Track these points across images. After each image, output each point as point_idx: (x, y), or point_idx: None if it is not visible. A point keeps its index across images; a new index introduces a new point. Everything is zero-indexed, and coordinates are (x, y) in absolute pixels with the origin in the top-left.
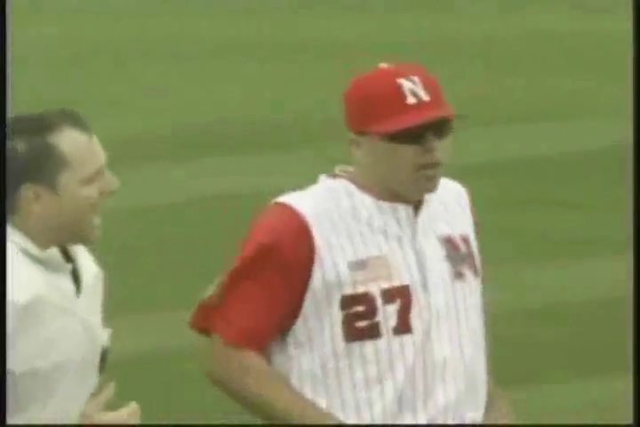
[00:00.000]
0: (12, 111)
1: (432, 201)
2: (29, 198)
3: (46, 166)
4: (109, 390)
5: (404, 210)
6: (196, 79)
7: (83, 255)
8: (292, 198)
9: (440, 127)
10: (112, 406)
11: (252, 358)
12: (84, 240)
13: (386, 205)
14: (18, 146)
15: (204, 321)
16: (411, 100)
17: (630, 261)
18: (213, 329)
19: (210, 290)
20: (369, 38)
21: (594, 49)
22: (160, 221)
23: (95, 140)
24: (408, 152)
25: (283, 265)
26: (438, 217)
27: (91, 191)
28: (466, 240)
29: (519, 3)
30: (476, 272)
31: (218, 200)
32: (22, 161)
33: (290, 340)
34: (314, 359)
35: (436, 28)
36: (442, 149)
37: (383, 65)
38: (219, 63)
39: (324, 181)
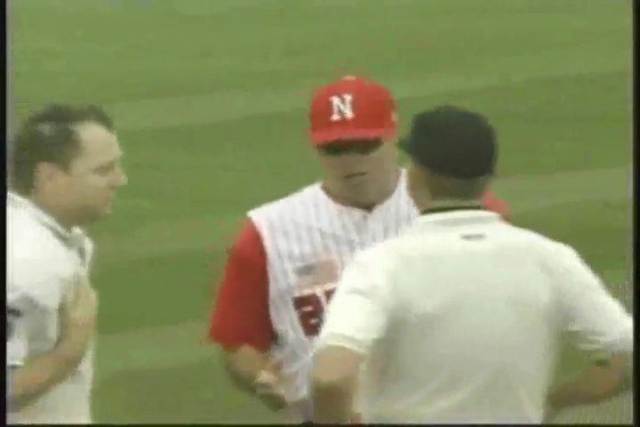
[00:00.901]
0: None
1: (401, 205)
2: (44, 176)
3: (63, 149)
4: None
5: (357, 214)
6: None
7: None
8: (255, 211)
9: (361, 143)
10: None
11: (240, 349)
12: (93, 219)
13: (344, 209)
14: (43, 129)
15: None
16: (335, 116)
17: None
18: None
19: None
20: None
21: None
22: None
23: (114, 137)
24: (333, 163)
25: (244, 271)
26: (407, 221)
27: (100, 180)
28: None
29: None
30: None
31: None
32: (43, 142)
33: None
34: (289, 354)
35: None
36: (367, 160)
37: (347, 78)
38: None
39: (304, 189)
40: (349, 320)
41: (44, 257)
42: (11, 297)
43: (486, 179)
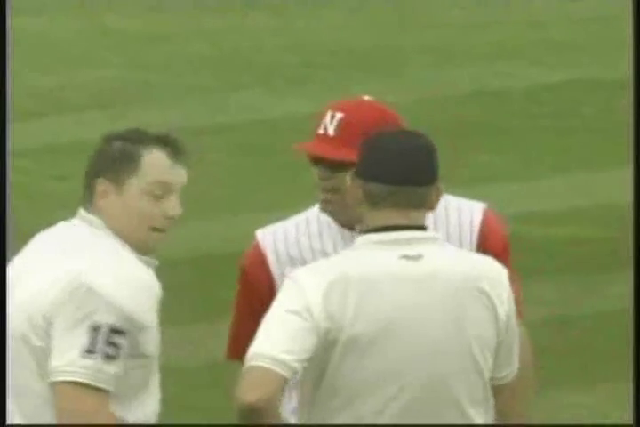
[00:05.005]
0: None
1: None
2: (99, 193)
3: (121, 166)
4: None
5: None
6: None
7: None
8: (262, 231)
9: (331, 161)
10: None
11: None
12: (139, 251)
13: (347, 233)
14: (111, 147)
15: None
16: (321, 130)
17: (631, 273)
18: None
19: None
20: None
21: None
22: None
23: (180, 168)
24: (314, 173)
25: (253, 290)
26: None
27: (151, 205)
28: None
29: None
30: None
31: None
32: (106, 158)
33: None
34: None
35: None
36: (336, 179)
37: (362, 97)
38: None
39: (310, 209)
40: (278, 341)
41: (142, 273)
42: (113, 318)
43: (427, 191)
